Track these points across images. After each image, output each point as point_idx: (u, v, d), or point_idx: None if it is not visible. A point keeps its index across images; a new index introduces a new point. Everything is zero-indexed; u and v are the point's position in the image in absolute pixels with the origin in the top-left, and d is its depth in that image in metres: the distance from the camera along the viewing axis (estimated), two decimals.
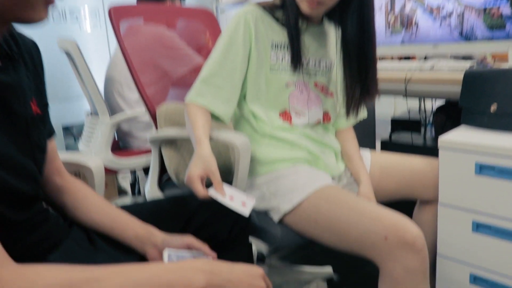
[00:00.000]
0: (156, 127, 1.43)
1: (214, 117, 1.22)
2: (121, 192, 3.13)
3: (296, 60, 1.23)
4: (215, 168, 1.00)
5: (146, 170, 2.40)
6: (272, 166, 1.24)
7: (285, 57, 1.25)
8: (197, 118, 1.15)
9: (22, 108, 0.78)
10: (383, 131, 3.41)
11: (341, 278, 1.71)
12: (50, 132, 0.95)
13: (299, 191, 1.15)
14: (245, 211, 0.95)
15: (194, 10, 2.10)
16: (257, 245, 1.24)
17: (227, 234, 1.02)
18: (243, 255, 1.11)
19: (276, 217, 1.18)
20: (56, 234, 0.86)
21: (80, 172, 1.15)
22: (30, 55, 0.86)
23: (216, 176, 0.99)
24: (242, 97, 1.28)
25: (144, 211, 1.02)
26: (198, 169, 0.99)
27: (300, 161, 1.26)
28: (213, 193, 0.97)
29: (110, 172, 2.27)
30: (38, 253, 0.80)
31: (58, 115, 3.27)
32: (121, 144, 2.45)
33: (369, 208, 1.05)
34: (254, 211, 1.22)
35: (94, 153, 2.22)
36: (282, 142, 1.26)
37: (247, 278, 0.69)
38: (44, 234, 0.83)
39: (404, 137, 2.21)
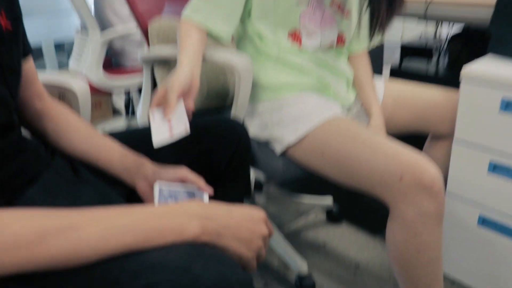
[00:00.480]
0: (149, 45, 1.29)
1: (213, 36, 1.08)
2: (116, 112, 3.03)
3: None
4: (177, 85, 0.86)
5: (140, 91, 2.28)
6: (276, 92, 1.12)
7: None
8: (186, 38, 1.01)
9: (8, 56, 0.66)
10: (389, 57, 3.25)
11: (341, 209, 1.65)
12: (26, 51, 0.81)
13: (305, 121, 1.04)
14: (161, 140, 0.80)
15: None
16: (255, 173, 1.16)
17: (225, 166, 0.92)
18: (241, 187, 1.03)
19: (278, 149, 1.08)
20: (36, 165, 0.76)
21: (64, 95, 1.02)
22: None
23: (170, 95, 0.84)
24: (247, 14, 1.13)
25: (134, 139, 0.92)
26: (161, 87, 0.87)
27: (308, 89, 1.14)
28: (153, 113, 0.85)
29: (104, 93, 2.14)
30: (15, 187, 0.70)
31: (49, 31, 3.08)
32: (113, 62, 2.30)
33: (383, 143, 0.95)
34: (255, 141, 1.12)
35: (84, 72, 2.08)
36: (289, 66, 1.13)
37: (247, 223, 0.60)
38: (21, 165, 0.72)
39: (416, 65, 2.07)
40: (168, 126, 0.81)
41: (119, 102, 3.04)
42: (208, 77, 1.30)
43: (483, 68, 1.11)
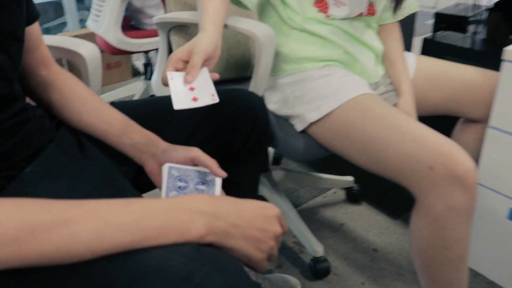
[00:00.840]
0: (165, 8, 1.21)
1: (236, 2, 1.00)
2: (136, 73, 2.97)
3: None
4: (203, 49, 0.77)
5: None
6: (299, 65, 1.04)
7: None
8: (208, 2, 0.92)
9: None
10: (420, 26, 3.08)
11: (361, 189, 1.58)
12: (32, 16, 0.75)
13: (329, 98, 0.96)
14: (183, 104, 0.71)
15: None
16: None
17: (241, 145, 0.86)
18: (257, 167, 0.96)
19: (299, 126, 1.01)
20: (39, 138, 0.70)
21: (72, 61, 0.95)
22: None
23: (195, 58, 0.75)
24: None
25: (144, 112, 0.85)
26: (181, 49, 0.78)
27: (333, 62, 1.05)
28: (173, 75, 0.75)
29: (123, 52, 2.08)
30: (17, 161, 0.65)
31: None
32: (133, 23, 2.22)
33: (413, 128, 0.86)
34: (274, 117, 1.05)
35: (102, 31, 2.01)
36: (314, 37, 1.04)
37: (258, 222, 0.54)
38: (23, 138, 0.67)
39: (451, 37, 1.94)
40: (191, 91, 0.73)
41: (138, 62, 2.98)
42: (229, 45, 1.22)
43: None
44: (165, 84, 0.73)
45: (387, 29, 1.19)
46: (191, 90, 0.73)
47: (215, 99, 0.72)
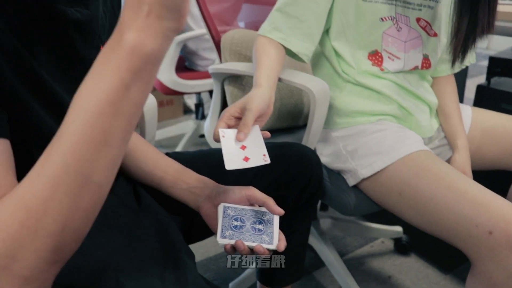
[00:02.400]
0: (220, 57, 1.25)
1: (292, 53, 1.02)
2: (187, 110, 3.05)
3: None
4: (256, 106, 0.77)
5: (211, 93, 2.27)
6: (353, 118, 1.04)
7: None
8: (264, 55, 0.95)
9: (88, 50, 0.63)
10: (472, 72, 3.00)
11: (411, 239, 1.54)
12: (101, 40, 0.80)
13: (382, 154, 0.96)
14: (234, 164, 0.71)
15: None
16: None
17: (294, 201, 0.86)
18: (309, 219, 0.97)
19: (351, 182, 1.00)
20: None
21: None
22: None
23: (248, 115, 0.75)
24: (325, 32, 1.06)
25: (199, 163, 0.88)
26: (234, 105, 0.79)
27: (387, 116, 1.05)
28: (223, 133, 0.75)
29: (174, 93, 2.15)
30: None
31: None
32: (187, 64, 2.30)
33: (470, 189, 0.84)
34: (325, 170, 1.05)
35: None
36: (368, 90, 1.05)
37: None
38: None
39: (507, 82, 1.88)
40: (243, 150, 0.74)
41: (189, 100, 3.07)
42: (282, 95, 1.24)
43: None
44: (217, 140, 0.75)
45: (442, 81, 1.18)
46: (242, 149, 0.74)
47: (267, 160, 0.72)
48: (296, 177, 0.85)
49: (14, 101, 0.51)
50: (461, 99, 2.16)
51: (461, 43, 1.01)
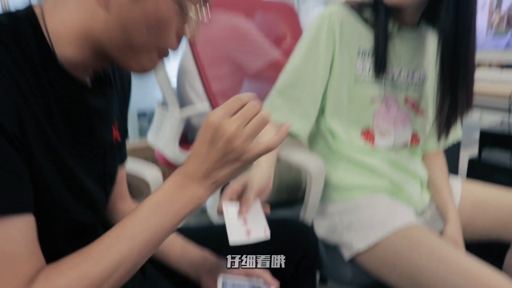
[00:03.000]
0: None
1: (289, 135, 1.10)
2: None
3: (380, 68, 1.07)
4: (257, 183, 0.83)
5: None
6: (347, 193, 1.10)
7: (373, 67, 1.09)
8: (264, 135, 1.03)
9: (104, 133, 0.71)
10: (466, 140, 3.09)
11: None
12: (123, 158, 0.88)
13: (377, 228, 1.00)
14: (238, 240, 0.75)
15: (274, 2, 1.98)
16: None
17: (291, 274, 0.90)
18: None
19: (347, 255, 1.04)
20: None
21: (135, 183, 1.07)
22: (121, 77, 0.79)
23: (249, 192, 0.81)
24: (320, 111, 1.14)
25: (201, 237, 0.93)
26: (236, 183, 0.85)
27: (380, 191, 1.11)
28: (227, 207, 0.80)
29: (178, 166, 2.22)
30: None
31: (134, 101, 3.31)
32: (190, 138, 2.40)
33: (463, 261, 0.88)
34: (322, 243, 1.09)
35: (161, 145, 2.18)
36: (361, 166, 1.11)
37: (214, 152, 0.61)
38: None
39: (498, 156, 1.95)
40: (245, 225, 0.79)
41: None
42: (280, 171, 1.31)
43: None
44: (220, 213, 0.80)
45: (431, 157, 1.25)
46: (244, 222, 0.78)
47: (267, 235, 0.77)
48: (292, 251, 0.89)
49: (39, 178, 0.58)
50: (455, 171, 2.23)
51: (444, 122, 1.09)
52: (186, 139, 2.39)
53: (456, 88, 1.06)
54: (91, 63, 0.63)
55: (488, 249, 1.20)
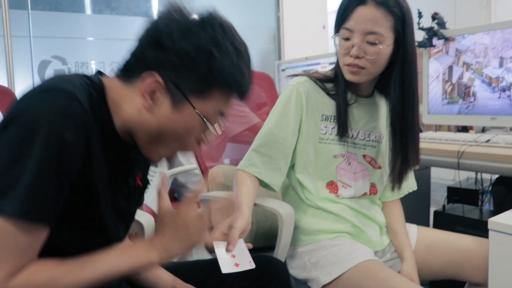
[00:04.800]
0: (208, 187, 1.50)
1: (264, 184, 1.27)
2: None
3: (342, 132, 1.27)
4: (240, 225, 1.01)
5: None
6: (315, 236, 1.26)
7: (335, 128, 1.29)
8: (242, 185, 1.21)
9: (132, 179, 0.91)
10: (440, 196, 3.29)
11: None
12: (141, 202, 1.05)
13: (339, 264, 1.16)
14: (229, 269, 0.95)
15: (254, 73, 2.20)
16: None
17: None
18: None
19: None
20: None
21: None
22: None
23: (234, 232, 0.99)
24: (291, 167, 1.33)
25: (188, 271, 1.08)
26: (222, 224, 1.03)
27: (343, 234, 1.27)
28: (217, 245, 0.99)
29: None
30: None
31: None
32: (176, 195, 2.55)
33: None
34: (294, 280, 1.24)
35: (150, 201, 2.32)
36: (327, 213, 1.29)
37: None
38: None
39: (460, 208, 2.13)
40: (233, 259, 0.97)
41: None
42: (258, 219, 1.48)
43: (510, 219, 1.19)
44: (211, 251, 0.97)
45: (389, 205, 1.42)
46: (232, 257, 0.97)
47: (252, 265, 0.96)
48: (267, 283, 1.04)
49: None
50: (426, 224, 2.40)
51: (397, 176, 1.29)
52: (173, 196, 2.55)
53: (406, 148, 1.27)
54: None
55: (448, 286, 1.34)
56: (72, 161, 0.72)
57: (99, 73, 0.87)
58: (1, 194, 0.67)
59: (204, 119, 0.81)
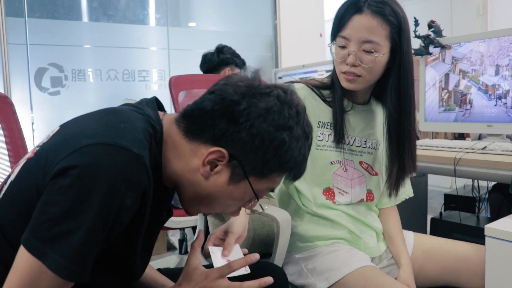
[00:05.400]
0: None
1: None
2: (170, 247, 3.20)
3: (339, 138, 1.27)
4: (236, 230, 1.01)
5: (194, 228, 2.46)
6: (311, 243, 1.26)
7: (331, 135, 1.30)
8: None
9: (165, 213, 0.94)
10: (437, 203, 3.29)
11: None
12: None
13: (336, 270, 1.16)
14: None
15: None
16: None
17: None
18: None
19: None
20: None
21: None
22: None
23: (230, 237, 0.99)
24: None
25: (179, 275, 1.08)
26: (219, 229, 1.03)
27: (340, 240, 1.27)
28: (213, 250, 0.99)
29: (163, 228, 2.35)
30: None
31: None
32: (173, 203, 2.53)
33: None
34: (291, 286, 1.23)
35: None
36: (324, 219, 1.28)
37: None
38: None
39: (457, 215, 2.13)
40: (228, 262, 0.96)
41: (173, 238, 3.24)
42: (255, 225, 1.47)
43: (506, 226, 1.19)
44: (207, 256, 0.97)
45: (386, 211, 1.42)
46: (228, 262, 0.96)
47: (247, 270, 0.95)
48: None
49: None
50: (423, 232, 2.40)
51: (394, 183, 1.29)
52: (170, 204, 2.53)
53: (403, 155, 1.27)
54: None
55: None
56: (125, 221, 0.72)
57: (158, 105, 0.87)
58: (51, 242, 0.66)
59: (256, 197, 0.82)
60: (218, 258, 0.97)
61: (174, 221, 2.32)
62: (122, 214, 0.69)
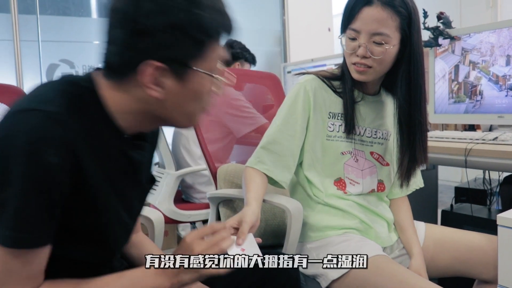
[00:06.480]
0: (216, 186, 1.52)
1: (273, 181, 1.28)
2: (180, 241, 3.22)
3: (350, 129, 1.28)
4: (249, 219, 1.02)
5: (205, 222, 2.48)
6: (323, 232, 1.27)
7: (342, 126, 1.30)
8: (251, 182, 1.21)
9: (143, 179, 0.92)
10: (447, 197, 3.29)
11: None
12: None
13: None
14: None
15: (261, 73, 2.21)
16: None
17: None
18: None
19: (323, 284, 1.19)
20: None
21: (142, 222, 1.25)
22: (153, 134, 1.00)
23: (244, 226, 1.00)
24: (299, 164, 1.34)
25: None
26: (232, 219, 1.03)
27: (351, 230, 1.28)
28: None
29: (172, 222, 2.37)
30: None
31: None
32: (184, 197, 2.56)
33: (419, 285, 1.04)
34: (303, 276, 1.24)
35: (158, 202, 2.34)
36: (335, 209, 1.29)
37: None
38: None
39: (468, 208, 2.13)
40: (242, 251, 0.97)
41: (183, 232, 3.26)
42: (266, 216, 1.49)
43: None
44: None
45: (397, 202, 1.43)
46: (242, 251, 0.98)
47: (261, 256, 0.95)
48: (276, 278, 1.05)
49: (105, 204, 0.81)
50: (435, 222, 2.40)
51: (405, 173, 1.29)
52: (181, 198, 2.56)
53: (414, 145, 1.27)
54: (145, 127, 0.86)
55: (458, 284, 1.34)
56: (64, 180, 0.72)
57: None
58: None
59: (212, 75, 0.81)
60: (232, 247, 0.98)
61: (184, 215, 2.35)
62: (53, 173, 0.70)
